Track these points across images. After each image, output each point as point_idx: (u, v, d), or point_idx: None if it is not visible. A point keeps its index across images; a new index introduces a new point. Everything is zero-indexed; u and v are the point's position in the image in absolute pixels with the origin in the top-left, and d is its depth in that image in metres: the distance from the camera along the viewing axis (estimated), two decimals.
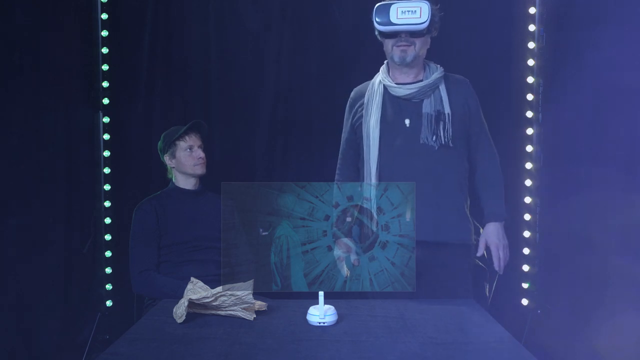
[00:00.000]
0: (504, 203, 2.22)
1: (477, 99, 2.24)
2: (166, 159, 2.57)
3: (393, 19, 2.07)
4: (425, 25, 2.06)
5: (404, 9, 2.07)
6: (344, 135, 2.34)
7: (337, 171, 2.34)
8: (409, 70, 2.19)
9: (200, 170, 2.54)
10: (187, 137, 2.54)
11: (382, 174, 2.15)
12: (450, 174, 2.16)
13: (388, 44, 2.17)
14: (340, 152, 2.35)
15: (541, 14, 2.79)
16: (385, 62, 2.26)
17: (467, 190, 2.22)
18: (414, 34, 2.11)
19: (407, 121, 2.16)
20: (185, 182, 2.56)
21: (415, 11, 2.06)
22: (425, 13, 2.05)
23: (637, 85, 2.13)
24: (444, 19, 2.21)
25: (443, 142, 2.13)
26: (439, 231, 2.12)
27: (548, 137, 2.78)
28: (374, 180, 2.13)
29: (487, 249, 2.20)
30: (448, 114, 2.14)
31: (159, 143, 2.59)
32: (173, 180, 2.59)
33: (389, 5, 2.08)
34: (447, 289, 2.12)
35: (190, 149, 2.53)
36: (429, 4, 2.06)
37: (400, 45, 2.13)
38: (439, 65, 2.23)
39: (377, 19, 2.09)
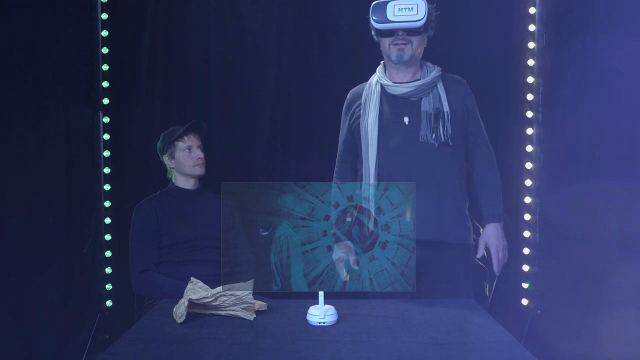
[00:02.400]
0: (502, 204, 2.22)
1: (474, 99, 2.23)
2: (165, 159, 2.57)
3: (390, 16, 2.06)
4: (423, 22, 2.06)
5: (400, 6, 2.06)
6: (341, 138, 2.33)
7: (334, 174, 2.33)
8: (406, 69, 2.17)
9: (199, 170, 2.54)
10: (186, 138, 2.53)
11: (381, 173, 2.14)
12: (450, 172, 2.15)
13: (385, 42, 2.15)
14: (337, 154, 2.34)
15: (541, 14, 2.79)
16: (382, 62, 2.25)
17: (466, 189, 2.21)
18: (410, 32, 2.10)
19: (406, 119, 2.15)
20: (184, 182, 2.56)
21: (412, 8, 2.05)
22: (422, 10, 2.04)
23: (637, 85, 2.13)
24: (444, 18, 2.21)
25: (443, 141, 2.12)
26: (438, 230, 2.11)
27: (548, 137, 2.79)
28: (372, 179, 2.12)
29: (487, 250, 2.19)
30: (447, 112, 2.13)
31: (158, 143, 2.59)
32: (173, 180, 2.59)
33: (386, 3, 2.06)
34: (447, 289, 2.12)
35: (189, 150, 2.53)
36: (425, 1, 2.05)
37: (398, 44, 2.12)
38: (436, 65, 2.22)
39: (373, 17, 2.08)
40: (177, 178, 2.57)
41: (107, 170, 2.92)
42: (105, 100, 2.91)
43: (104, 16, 2.89)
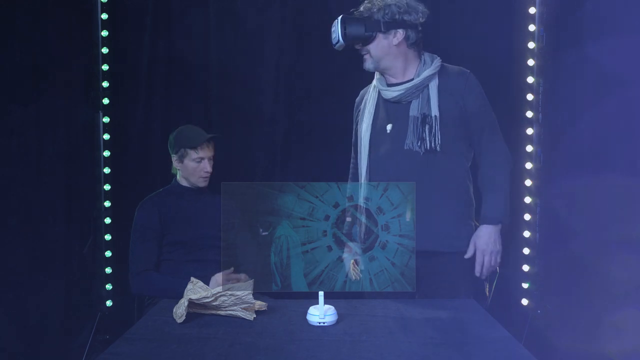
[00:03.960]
0: (503, 205, 2.06)
1: (478, 92, 2.10)
2: (173, 158, 2.50)
3: (332, 39, 2.11)
4: (340, 43, 2.06)
5: (332, 29, 2.10)
6: (353, 139, 2.32)
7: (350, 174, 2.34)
8: (393, 72, 2.12)
9: (202, 183, 2.47)
10: (199, 148, 2.43)
11: (372, 181, 2.08)
12: (440, 180, 2.05)
13: None
14: (353, 152, 2.34)
15: (541, 14, 2.78)
16: None
17: (467, 194, 2.12)
18: (365, 42, 2.07)
19: (388, 127, 2.10)
20: (188, 182, 2.52)
21: (334, 31, 2.08)
22: (336, 31, 2.05)
23: (637, 84, 2.13)
24: (443, 19, 2.18)
25: (429, 147, 2.01)
26: (430, 240, 2.01)
27: (548, 137, 2.78)
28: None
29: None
30: (435, 116, 2.01)
31: (170, 137, 2.50)
32: (177, 177, 2.54)
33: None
34: (444, 296, 2.05)
35: (199, 161, 2.44)
36: (339, 20, 2.04)
37: (362, 54, 2.11)
38: (436, 58, 2.12)
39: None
40: (181, 177, 2.53)
41: (107, 170, 2.91)
42: (105, 100, 2.91)
43: (104, 16, 2.89)
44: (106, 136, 2.92)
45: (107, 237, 2.92)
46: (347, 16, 2.06)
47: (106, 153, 2.91)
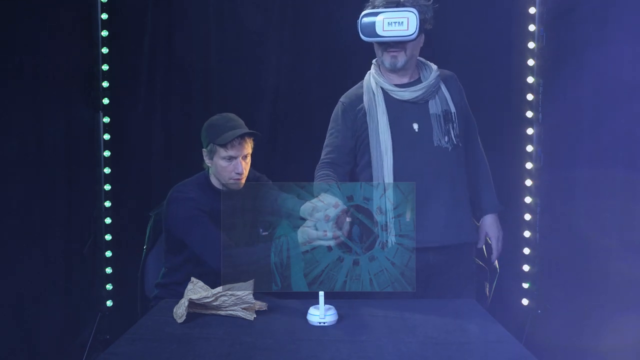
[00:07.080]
0: (495, 195, 2.28)
1: (464, 93, 2.25)
2: (204, 152, 2.19)
3: (379, 31, 1.98)
4: (414, 36, 1.98)
5: (390, 20, 1.97)
6: (334, 141, 2.22)
7: (321, 175, 2.17)
8: (404, 72, 2.13)
9: (234, 186, 2.15)
10: (229, 145, 2.09)
11: (399, 180, 2.06)
12: (461, 173, 2.16)
13: (378, 48, 2.11)
14: (327, 157, 2.22)
15: (541, 14, 2.79)
16: (374, 61, 2.19)
17: (467, 185, 2.22)
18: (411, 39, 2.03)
19: (415, 126, 2.10)
20: (219, 182, 2.23)
21: (402, 22, 1.96)
22: (412, 24, 1.96)
23: (637, 84, 2.13)
24: (444, 19, 2.18)
25: (455, 143, 2.10)
26: (459, 233, 2.12)
27: (548, 137, 2.78)
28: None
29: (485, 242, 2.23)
30: (454, 112, 2.11)
31: (203, 129, 2.19)
32: (209, 172, 2.23)
33: (375, 15, 1.99)
34: (454, 289, 2.12)
35: (229, 159, 2.12)
36: (416, 12, 1.97)
37: (391, 52, 2.06)
38: (430, 63, 2.19)
39: (362, 31, 2.01)
40: (212, 174, 2.22)
41: (107, 170, 2.91)
42: (105, 100, 2.91)
43: (104, 16, 2.88)
44: (106, 136, 2.92)
45: (107, 237, 2.92)
46: (418, 9, 1.99)
47: (106, 153, 2.91)
